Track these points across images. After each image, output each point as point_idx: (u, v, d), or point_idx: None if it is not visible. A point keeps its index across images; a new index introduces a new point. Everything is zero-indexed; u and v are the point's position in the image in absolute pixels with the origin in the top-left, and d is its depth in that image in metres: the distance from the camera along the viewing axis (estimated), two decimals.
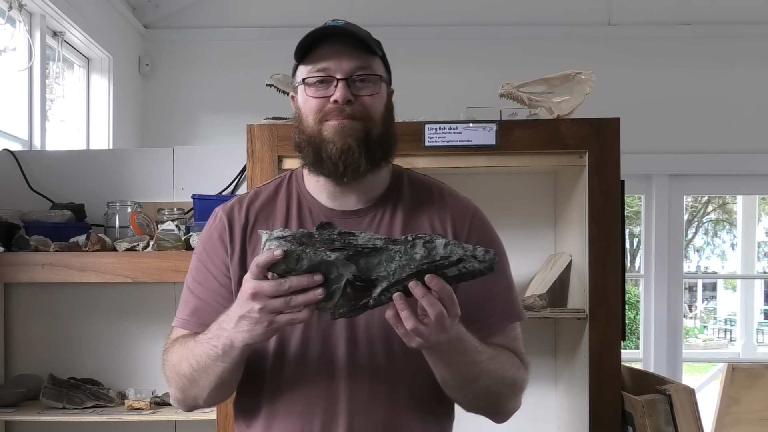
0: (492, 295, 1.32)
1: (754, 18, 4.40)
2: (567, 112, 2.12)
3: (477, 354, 1.21)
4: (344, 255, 1.10)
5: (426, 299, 1.07)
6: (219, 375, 1.23)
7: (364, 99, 1.28)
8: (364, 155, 1.27)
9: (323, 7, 4.46)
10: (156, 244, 2.21)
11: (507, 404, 1.33)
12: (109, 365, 2.47)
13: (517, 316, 1.37)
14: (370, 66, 1.30)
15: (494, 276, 1.24)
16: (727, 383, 2.08)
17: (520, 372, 1.33)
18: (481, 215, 1.40)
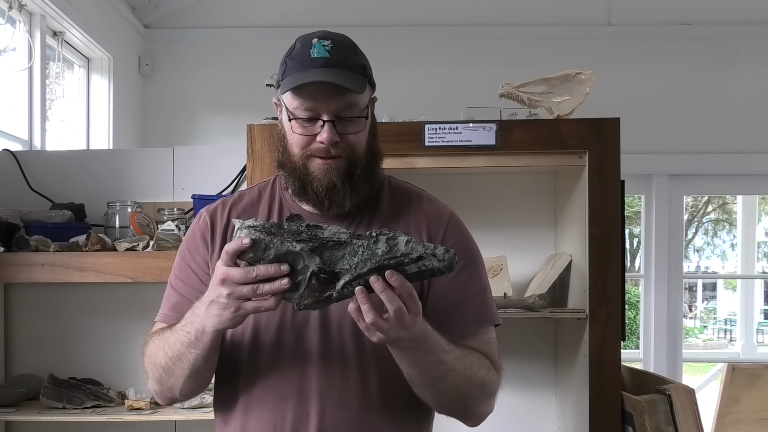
0: (464, 298, 1.34)
1: (754, 18, 4.40)
2: (567, 112, 2.12)
3: (443, 353, 1.22)
4: (309, 246, 1.14)
5: (385, 294, 1.10)
6: (192, 362, 1.26)
7: (349, 137, 1.32)
8: (348, 193, 1.32)
9: (323, 7, 4.48)
10: (156, 244, 2.21)
11: (477, 406, 1.33)
12: (109, 365, 2.47)
13: (490, 320, 1.37)
14: (356, 103, 1.31)
15: (467, 280, 1.35)
16: (727, 383, 2.08)
17: (491, 374, 1.32)
18: (456, 220, 1.42)
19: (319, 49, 1.31)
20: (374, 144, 1.39)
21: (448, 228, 1.39)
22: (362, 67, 1.34)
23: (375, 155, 1.38)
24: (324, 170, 1.31)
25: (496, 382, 1.33)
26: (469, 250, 1.39)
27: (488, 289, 1.40)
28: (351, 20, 4.43)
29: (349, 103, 1.30)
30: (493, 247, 2.30)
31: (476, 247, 1.42)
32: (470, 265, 1.37)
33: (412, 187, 1.47)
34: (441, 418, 1.41)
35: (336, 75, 1.28)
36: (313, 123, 1.31)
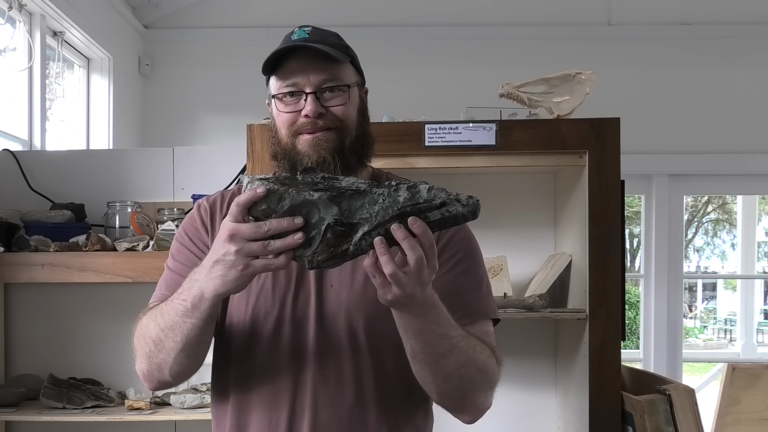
0: (461, 291, 1.31)
1: (754, 18, 4.40)
2: (567, 112, 2.12)
3: (449, 327, 1.18)
4: (327, 195, 1.08)
5: (407, 242, 1.05)
6: (186, 334, 1.20)
7: (335, 109, 1.31)
8: (339, 166, 1.30)
9: (323, 7, 4.47)
10: (156, 244, 2.21)
11: (477, 395, 1.26)
12: (109, 365, 2.47)
13: (485, 314, 1.34)
14: (338, 76, 1.31)
15: (464, 273, 1.33)
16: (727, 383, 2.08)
17: (492, 362, 1.27)
18: None
19: (299, 33, 1.33)
20: (366, 126, 1.37)
21: None
22: (344, 47, 1.35)
23: (366, 136, 1.37)
24: (313, 144, 1.30)
25: (497, 372, 1.29)
26: (468, 244, 1.37)
27: (486, 284, 1.37)
28: (351, 20, 4.43)
29: (331, 75, 1.30)
30: (493, 247, 2.30)
31: (475, 243, 1.39)
32: (468, 259, 1.35)
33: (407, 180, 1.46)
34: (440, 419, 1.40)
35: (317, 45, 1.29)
36: (297, 99, 1.31)
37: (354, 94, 1.35)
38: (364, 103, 1.39)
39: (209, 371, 2.38)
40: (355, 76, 1.37)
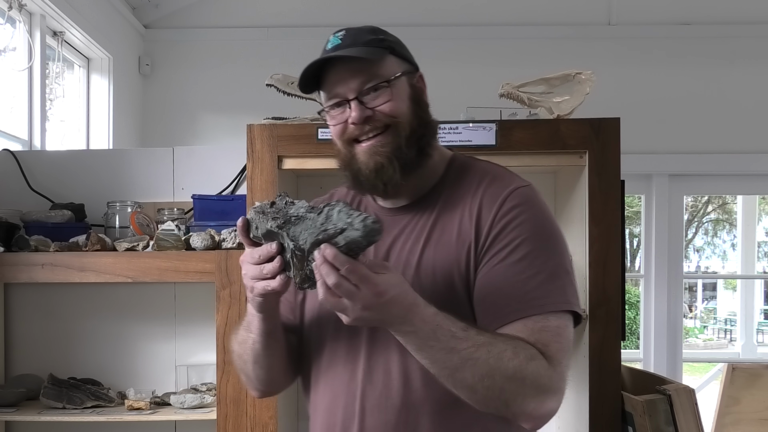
0: (511, 283, 1.20)
1: (754, 18, 4.40)
2: (567, 112, 2.12)
3: (454, 340, 1.12)
4: (278, 223, 1.13)
5: (322, 268, 1.06)
6: (251, 347, 1.30)
7: (381, 108, 1.27)
8: (397, 168, 1.27)
9: (323, 6, 4.48)
10: (156, 244, 2.21)
11: (521, 403, 1.15)
12: (109, 365, 2.47)
13: (541, 306, 1.19)
14: (377, 73, 1.27)
15: (519, 262, 1.21)
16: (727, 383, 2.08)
17: (533, 365, 1.14)
18: (517, 196, 1.26)
19: (333, 41, 1.31)
20: (423, 113, 1.32)
21: (502, 205, 1.25)
22: (378, 40, 1.30)
23: (425, 124, 1.31)
24: (368, 152, 1.28)
25: (546, 375, 1.15)
26: (530, 228, 1.24)
27: (550, 272, 1.22)
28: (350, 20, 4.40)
29: (368, 76, 1.27)
30: None
31: (544, 225, 1.27)
32: (527, 245, 1.22)
33: (483, 165, 1.36)
34: None
35: (342, 52, 1.27)
36: (344, 108, 1.29)
37: (400, 85, 1.30)
38: (417, 89, 1.34)
39: (210, 371, 2.38)
40: (399, 66, 1.31)
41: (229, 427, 2.10)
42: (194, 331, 2.45)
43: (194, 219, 2.35)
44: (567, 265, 1.27)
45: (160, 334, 2.48)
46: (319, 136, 2.06)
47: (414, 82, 1.34)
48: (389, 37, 1.34)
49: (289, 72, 2.21)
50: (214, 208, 2.33)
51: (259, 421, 2.09)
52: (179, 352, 2.48)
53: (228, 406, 2.10)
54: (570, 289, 1.24)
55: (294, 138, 2.08)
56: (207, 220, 2.30)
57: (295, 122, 2.14)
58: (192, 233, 2.24)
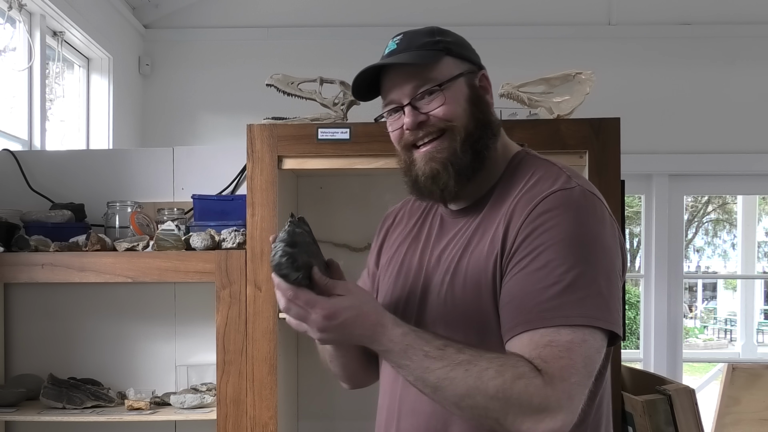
0: (526, 292, 1.13)
1: (754, 18, 4.40)
2: (567, 112, 2.12)
3: (427, 360, 1.10)
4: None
5: (276, 294, 1.15)
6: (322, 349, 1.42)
7: (435, 112, 1.26)
8: (452, 174, 1.25)
9: (323, 6, 4.48)
10: (156, 244, 2.21)
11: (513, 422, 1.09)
12: (109, 365, 2.47)
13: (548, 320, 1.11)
14: (430, 77, 1.25)
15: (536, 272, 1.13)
16: (727, 383, 2.08)
17: (519, 384, 1.07)
18: (553, 200, 1.18)
19: (390, 46, 1.30)
20: (481, 114, 1.29)
21: (533, 212, 1.17)
22: (434, 42, 1.28)
23: (483, 126, 1.28)
24: (424, 158, 1.27)
25: (540, 394, 1.07)
26: (557, 233, 1.14)
27: (572, 284, 1.11)
28: (350, 20, 4.44)
29: (423, 80, 1.25)
30: None
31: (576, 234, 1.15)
32: (550, 252, 1.13)
33: (536, 163, 1.29)
34: None
35: (395, 58, 1.27)
36: (399, 115, 1.29)
37: (456, 87, 1.27)
38: (476, 90, 1.31)
39: (210, 371, 2.38)
40: (457, 67, 1.28)
41: (229, 427, 2.10)
42: (194, 331, 2.45)
43: (194, 219, 2.35)
44: (596, 276, 1.14)
45: (160, 334, 2.48)
46: (319, 136, 2.07)
47: (474, 82, 1.31)
48: (448, 37, 1.31)
49: (289, 72, 2.21)
50: (214, 208, 2.33)
51: (259, 421, 2.09)
52: (179, 352, 2.48)
53: (228, 406, 2.10)
54: (592, 303, 1.12)
55: (294, 138, 2.08)
56: (207, 220, 2.30)
57: (295, 122, 2.14)
58: (192, 233, 2.24)
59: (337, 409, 2.48)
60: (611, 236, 1.20)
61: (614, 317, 1.14)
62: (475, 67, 1.33)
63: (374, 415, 1.40)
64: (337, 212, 2.46)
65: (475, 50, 1.37)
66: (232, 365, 2.10)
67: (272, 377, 2.08)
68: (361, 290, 1.19)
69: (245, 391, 2.08)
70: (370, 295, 1.20)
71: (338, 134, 2.07)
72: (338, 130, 2.07)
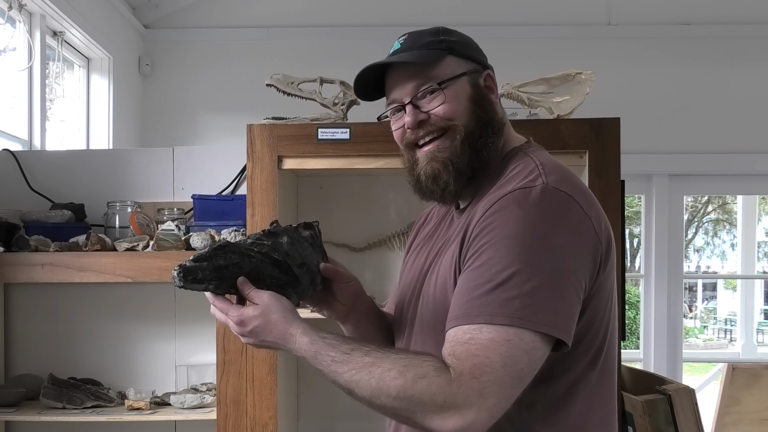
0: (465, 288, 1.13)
1: (754, 18, 4.40)
2: (567, 112, 2.12)
3: (334, 365, 1.13)
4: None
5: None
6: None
7: (435, 111, 1.25)
8: (452, 174, 1.25)
9: (323, 6, 4.48)
10: (156, 244, 2.21)
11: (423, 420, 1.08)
12: (109, 365, 2.47)
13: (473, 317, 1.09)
14: (431, 76, 1.25)
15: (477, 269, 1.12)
16: (727, 383, 2.08)
17: (421, 383, 1.06)
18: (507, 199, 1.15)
19: (395, 46, 1.31)
20: (483, 113, 1.27)
21: (488, 210, 1.16)
22: (437, 42, 1.27)
23: (484, 125, 1.27)
24: (426, 158, 1.27)
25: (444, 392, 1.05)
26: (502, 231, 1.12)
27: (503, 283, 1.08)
28: (350, 20, 4.44)
29: (424, 79, 1.25)
30: None
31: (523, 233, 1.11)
32: (490, 250, 1.11)
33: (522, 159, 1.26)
34: None
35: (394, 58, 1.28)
36: (401, 113, 1.29)
37: (458, 86, 1.26)
38: (479, 89, 1.29)
39: (210, 371, 2.38)
40: (460, 66, 1.28)
41: (229, 427, 2.10)
42: (194, 331, 2.45)
43: (194, 219, 2.35)
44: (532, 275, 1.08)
45: (160, 334, 2.48)
46: (319, 136, 2.07)
47: (477, 82, 1.30)
48: (452, 37, 1.31)
49: (289, 72, 2.21)
50: (214, 208, 2.33)
51: (259, 421, 2.09)
52: (179, 352, 2.48)
53: (228, 406, 2.10)
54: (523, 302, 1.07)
55: (294, 138, 2.08)
56: (207, 220, 2.30)
57: (295, 122, 2.14)
58: (192, 233, 2.24)
59: (337, 409, 2.48)
60: (571, 236, 1.13)
61: (550, 319, 1.08)
62: (480, 67, 1.33)
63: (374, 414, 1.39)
64: (337, 212, 2.46)
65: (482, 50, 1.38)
66: (232, 365, 2.10)
67: (272, 377, 2.08)
68: (275, 300, 1.20)
69: (245, 391, 2.08)
70: (281, 305, 1.20)
71: (338, 134, 2.07)
72: (338, 130, 2.07)
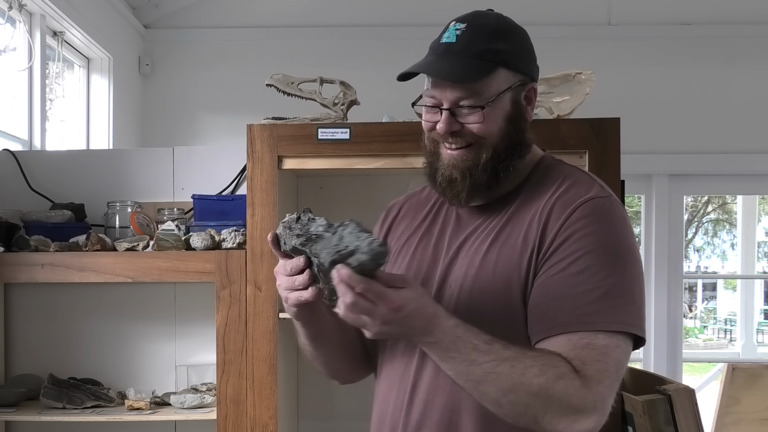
0: (566, 294, 1.17)
1: (754, 18, 4.40)
2: (567, 112, 2.12)
3: (475, 353, 1.11)
4: (300, 241, 1.14)
5: (339, 288, 1.07)
6: (303, 347, 1.38)
7: (470, 127, 1.26)
8: (466, 187, 1.27)
9: (323, 6, 4.47)
10: (156, 244, 2.21)
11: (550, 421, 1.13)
12: (109, 365, 2.47)
13: (589, 324, 1.15)
14: (477, 91, 1.24)
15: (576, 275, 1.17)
16: (727, 383, 2.08)
17: (561, 383, 1.11)
18: (591, 207, 1.22)
19: (450, 34, 1.29)
20: (515, 134, 1.29)
21: (571, 216, 1.21)
22: (492, 52, 1.25)
23: (514, 146, 1.29)
24: (449, 162, 1.29)
25: (577, 395, 1.11)
26: (595, 240, 1.19)
27: (610, 291, 1.16)
28: (350, 20, 4.44)
29: (469, 92, 1.24)
30: None
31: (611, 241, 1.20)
32: (589, 258, 1.18)
33: (567, 169, 1.33)
34: None
35: (446, 64, 1.26)
36: (436, 111, 1.29)
37: (499, 104, 1.26)
38: (519, 107, 1.30)
39: (210, 371, 2.38)
40: (507, 81, 1.27)
41: (229, 427, 2.10)
42: (194, 331, 2.45)
43: (194, 219, 2.35)
44: (630, 284, 1.19)
45: (160, 334, 2.48)
46: (319, 136, 2.06)
47: (519, 98, 1.30)
48: (509, 45, 1.27)
49: (289, 72, 2.21)
50: (214, 208, 2.33)
51: (259, 421, 2.09)
52: (179, 352, 2.48)
53: (228, 406, 2.10)
54: (627, 310, 1.18)
55: (294, 138, 2.08)
56: (207, 220, 2.30)
57: (295, 122, 2.14)
58: (192, 233, 2.24)
59: (337, 409, 2.48)
60: (637, 246, 1.27)
61: (643, 324, 1.21)
62: (527, 79, 1.31)
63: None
64: (337, 212, 2.45)
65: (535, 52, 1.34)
66: (232, 365, 2.10)
67: (272, 377, 2.08)
68: (415, 281, 1.19)
69: (245, 391, 2.08)
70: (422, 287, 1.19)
71: (338, 134, 2.07)
72: (338, 130, 2.07)
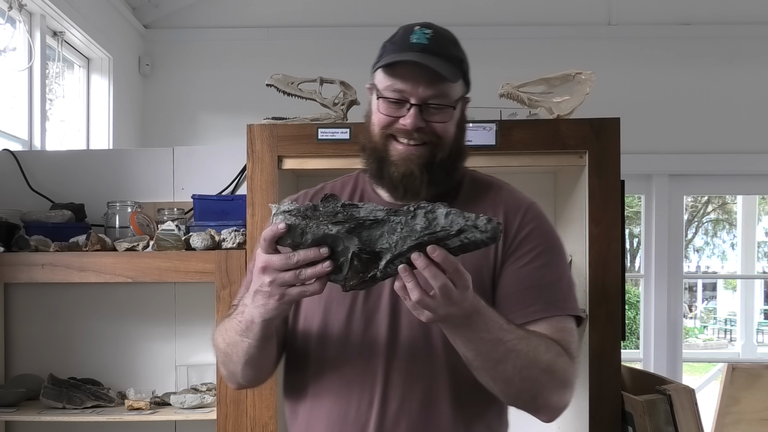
0: (538, 284, 1.30)
1: (754, 18, 4.40)
2: (567, 112, 2.12)
3: (501, 332, 1.16)
4: (345, 228, 1.10)
5: (428, 271, 1.05)
6: (245, 351, 1.26)
7: (436, 125, 1.30)
8: (425, 182, 1.31)
9: (323, 6, 4.48)
10: (156, 244, 2.21)
11: (548, 396, 1.25)
12: (109, 365, 2.47)
13: (563, 309, 1.31)
14: (447, 93, 1.30)
15: (542, 267, 1.32)
16: (727, 383, 2.08)
17: (561, 360, 1.24)
18: (536, 209, 1.39)
19: (419, 36, 1.32)
20: (461, 139, 1.37)
21: (525, 215, 1.36)
22: (459, 60, 1.33)
23: (460, 151, 1.37)
24: (404, 157, 1.31)
25: (569, 370, 1.26)
26: (548, 239, 1.36)
27: (567, 280, 1.36)
28: (350, 20, 4.44)
29: (439, 92, 1.29)
30: None
31: (557, 238, 1.39)
32: (548, 253, 1.34)
33: (495, 179, 1.45)
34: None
35: (431, 60, 1.27)
36: (401, 106, 1.30)
37: (457, 110, 1.34)
38: (463, 116, 1.38)
39: (210, 371, 2.38)
40: (461, 91, 1.35)
41: (229, 427, 2.10)
42: (194, 331, 2.45)
43: (194, 219, 2.35)
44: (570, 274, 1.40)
45: (160, 334, 2.48)
46: (319, 136, 2.07)
47: (464, 108, 1.38)
48: (465, 57, 1.36)
49: (289, 72, 2.21)
50: (214, 208, 2.33)
51: (259, 421, 2.09)
52: (179, 352, 2.48)
53: (228, 406, 2.10)
54: (575, 296, 1.37)
55: (294, 138, 2.08)
56: (207, 220, 2.30)
57: (295, 122, 2.15)
58: (192, 233, 2.24)
59: None
60: None
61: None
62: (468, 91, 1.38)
63: None
64: None
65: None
66: None
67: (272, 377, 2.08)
68: None
69: (245, 391, 2.08)
70: None
71: (338, 134, 2.07)
72: (338, 130, 2.07)
